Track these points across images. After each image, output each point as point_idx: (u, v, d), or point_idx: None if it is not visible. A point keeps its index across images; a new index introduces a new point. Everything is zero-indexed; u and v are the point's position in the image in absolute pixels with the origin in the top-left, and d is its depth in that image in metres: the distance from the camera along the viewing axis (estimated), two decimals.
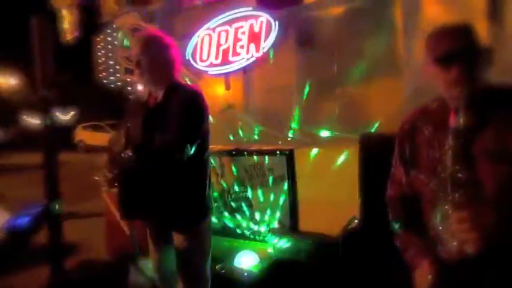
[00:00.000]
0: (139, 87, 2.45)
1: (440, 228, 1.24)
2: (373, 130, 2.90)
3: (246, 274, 2.95)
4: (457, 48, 1.27)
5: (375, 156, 2.55)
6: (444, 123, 1.35)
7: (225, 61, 3.48)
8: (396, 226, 1.53)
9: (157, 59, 2.15)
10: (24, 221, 2.26)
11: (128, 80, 4.54)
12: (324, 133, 3.16)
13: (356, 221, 2.65)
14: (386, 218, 2.39)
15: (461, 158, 1.24)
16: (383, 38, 2.96)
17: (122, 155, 2.02)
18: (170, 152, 2.01)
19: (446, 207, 1.22)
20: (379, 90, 2.99)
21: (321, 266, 2.83)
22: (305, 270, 2.91)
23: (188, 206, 2.14)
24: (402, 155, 1.50)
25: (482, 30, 2.04)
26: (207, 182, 2.23)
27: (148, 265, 2.66)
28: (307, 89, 3.21)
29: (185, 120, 2.04)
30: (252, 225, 3.34)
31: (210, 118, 2.25)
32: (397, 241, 1.54)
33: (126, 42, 4.11)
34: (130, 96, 2.75)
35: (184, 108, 2.07)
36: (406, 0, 2.86)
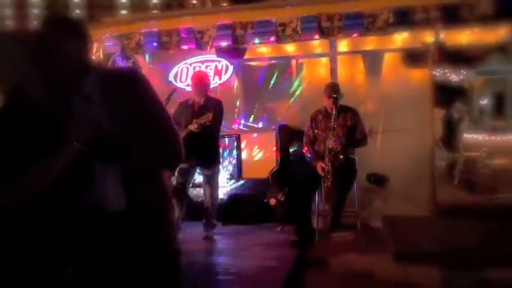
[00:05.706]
0: None
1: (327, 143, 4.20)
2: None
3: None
4: (334, 92, 4.27)
5: (285, 135, 5.49)
6: (325, 115, 4.37)
7: None
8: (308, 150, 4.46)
9: (206, 84, 4.74)
10: None
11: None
12: (256, 126, 5.99)
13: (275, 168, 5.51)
14: (291, 164, 5.36)
15: (336, 120, 4.22)
16: (287, 80, 5.91)
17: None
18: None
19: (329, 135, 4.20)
20: (282, 105, 5.91)
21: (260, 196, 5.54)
22: (250, 199, 5.57)
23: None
24: (311, 125, 4.46)
25: None
26: None
27: None
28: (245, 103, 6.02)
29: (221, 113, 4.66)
30: None
31: None
32: (308, 158, 4.44)
33: None
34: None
35: (219, 107, 4.65)
36: (299, 55, 5.84)
